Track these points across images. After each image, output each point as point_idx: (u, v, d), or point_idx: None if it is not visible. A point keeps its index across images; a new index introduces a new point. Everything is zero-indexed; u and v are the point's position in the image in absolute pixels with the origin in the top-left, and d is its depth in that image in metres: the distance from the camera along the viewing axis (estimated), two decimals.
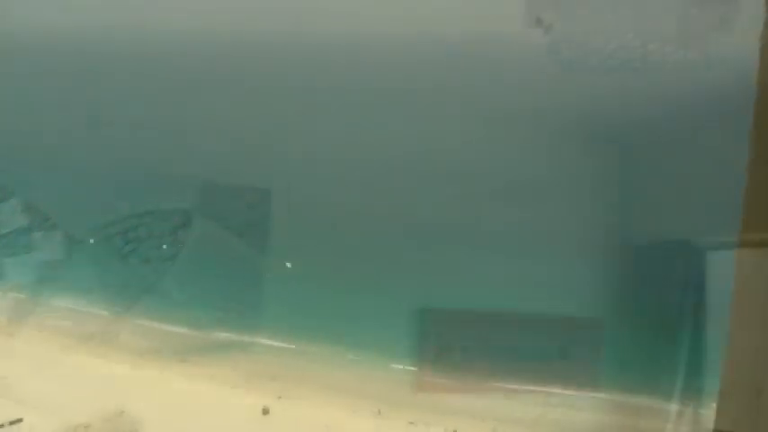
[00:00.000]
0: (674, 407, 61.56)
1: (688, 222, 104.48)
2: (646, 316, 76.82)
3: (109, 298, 78.96)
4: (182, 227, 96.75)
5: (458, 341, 71.50)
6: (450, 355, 68.01)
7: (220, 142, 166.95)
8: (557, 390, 63.88)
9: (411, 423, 58.26)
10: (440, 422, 58.43)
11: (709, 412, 59.09)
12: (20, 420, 54.95)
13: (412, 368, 66.93)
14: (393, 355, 68.54)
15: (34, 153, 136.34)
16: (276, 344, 70.83)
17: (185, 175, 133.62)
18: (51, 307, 77.81)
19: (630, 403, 62.08)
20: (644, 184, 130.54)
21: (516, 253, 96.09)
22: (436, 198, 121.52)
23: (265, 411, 58.87)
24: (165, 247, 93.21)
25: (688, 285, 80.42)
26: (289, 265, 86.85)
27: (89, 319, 75.75)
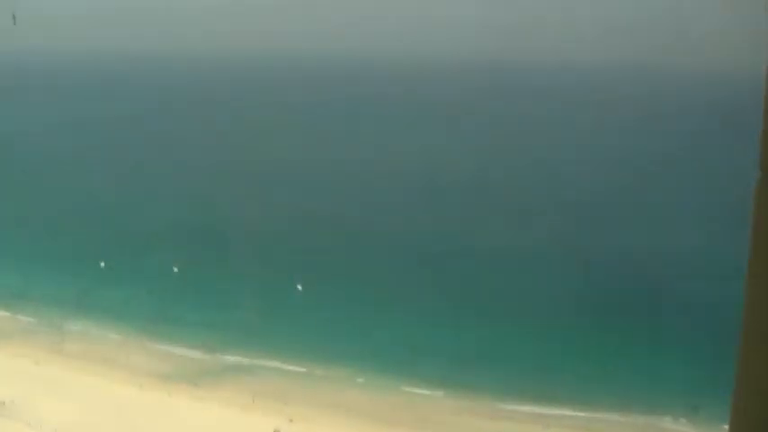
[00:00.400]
0: (682, 428, 61.42)
1: (697, 243, 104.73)
2: (655, 337, 76.77)
3: (119, 322, 79.19)
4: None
5: (468, 363, 71.60)
6: (459, 378, 68.00)
7: (239, 161, 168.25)
8: (571, 412, 63.70)
9: None
10: None
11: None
12: None
13: (423, 391, 66.64)
14: (404, 377, 68.42)
15: None
16: (287, 367, 70.71)
17: (200, 193, 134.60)
18: (63, 330, 78.02)
19: (640, 423, 61.88)
20: (649, 203, 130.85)
21: (530, 268, 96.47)
22: (447, 219, 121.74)
23: None
24: (175, 270, 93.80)
25: (697, 309, 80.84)
26: (300, 287, 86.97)
27: (101, 342, 75.87)
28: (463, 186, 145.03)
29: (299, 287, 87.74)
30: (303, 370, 69.97)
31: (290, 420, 60.58)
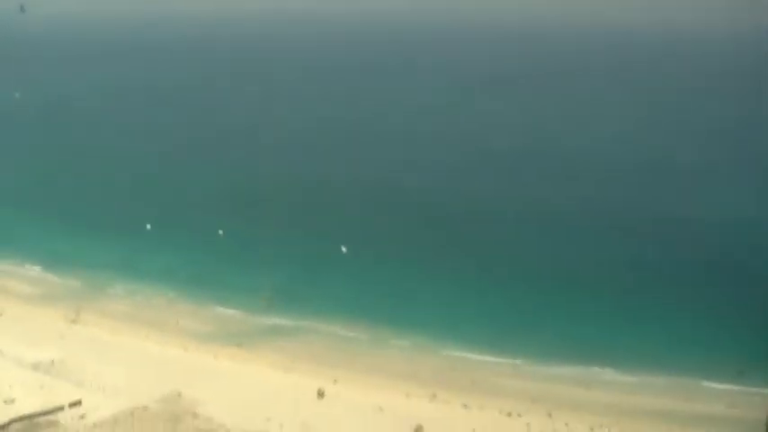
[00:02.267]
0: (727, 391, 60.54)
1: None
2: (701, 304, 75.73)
3: (165, 284, 79.85)
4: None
5: (511, 326, 71.10)
6: (501, 341, 67.61)
7: (284, 127, 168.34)
8: (613, 375, 63.24)
9: (465, 406, 57.99)
10: (494, 405, 58.05)
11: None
12: (79, 402, 55.90)
13: (465, 354, 66.54)
14: (446, 341, 68.32)
15: None
16: (331, 329, 71.02)
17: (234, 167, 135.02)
18: (109, 293, 79.07)
19: (684, 386, 61.16)
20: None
21: (573, 234, 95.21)
22: (495, 184, 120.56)
23: (320, 394, 59.03)
24: (221, 233, 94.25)
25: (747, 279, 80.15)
26: (344, 249, 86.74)
27: (146, 304, 76.70)
28: (516, 152, 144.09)
29: (344, 249, 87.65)
30: (347, 332, 70.20)
31: (335, 381, 60.87)
